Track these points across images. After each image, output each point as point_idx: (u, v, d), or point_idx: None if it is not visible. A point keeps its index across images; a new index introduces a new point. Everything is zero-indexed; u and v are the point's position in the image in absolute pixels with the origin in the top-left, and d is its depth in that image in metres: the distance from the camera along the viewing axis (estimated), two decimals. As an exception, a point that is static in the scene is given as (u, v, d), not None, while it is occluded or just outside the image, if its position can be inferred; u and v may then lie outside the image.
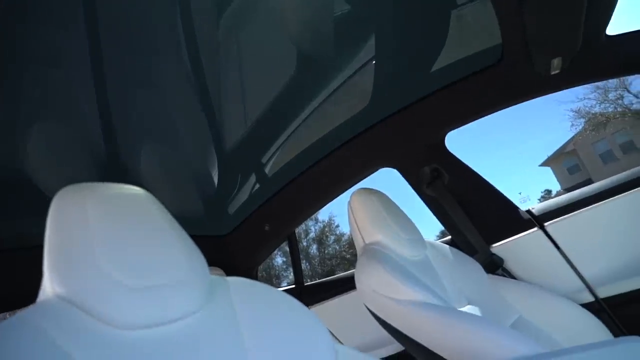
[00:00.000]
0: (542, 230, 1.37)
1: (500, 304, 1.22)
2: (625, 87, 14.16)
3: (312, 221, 14.33)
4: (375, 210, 1.19)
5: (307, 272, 13.61)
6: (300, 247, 12.06)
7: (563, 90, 1.37)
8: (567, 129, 19.29)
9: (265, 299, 0.67)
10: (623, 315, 1.24)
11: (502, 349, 0.87)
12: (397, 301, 0.99)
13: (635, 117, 14.63)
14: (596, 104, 14.80)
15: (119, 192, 0.66)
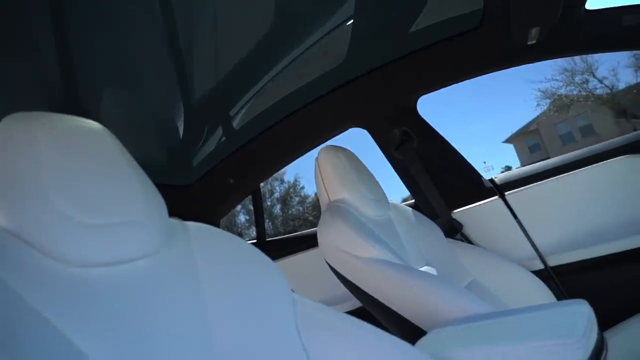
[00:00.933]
0: (502, 199, 1.41)
1: (456, 266, 1.26)
2: (591, 72, 14.54)
3: (277, 181, 14.29)
4: (343, 168, 1.18)
5: (270, 232, 13.72)
6: (264, 206, 12.01)
7: (535, 67, 1.38)
8: (533, 108, 19.80)
9: (225, 245, 0.65)
10: (568, 283, 1.31)
11: (456, 308, 0.89)
12: (357, 258, 1.00)
13: (597, 102, 15.13)
14: (562, 85, 15.17)
15: (74, 124, 0.61)
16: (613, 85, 14.86)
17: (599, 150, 1.36)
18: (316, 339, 0.62)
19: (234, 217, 12.23)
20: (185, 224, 0.67)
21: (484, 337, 0.67)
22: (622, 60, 14.13)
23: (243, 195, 1.77)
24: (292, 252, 1.69)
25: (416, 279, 0.95)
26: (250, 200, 1.81)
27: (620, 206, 1.29)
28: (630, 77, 18.03)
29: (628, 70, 17.65)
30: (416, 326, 0.95)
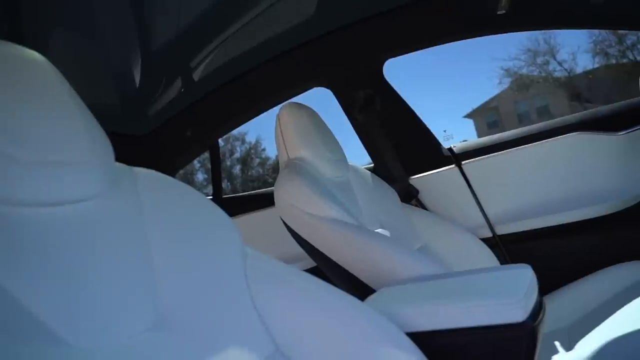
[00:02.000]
0: (458, 168, 1.44)
1: (409, 230, 1.28)
2: (553, 54, 14.93)
3: (238, 141, 14.05)
4: (304, 126, 1.15)
5: (228, 192, 13.51)
6: (223, 165, 11.86)
7: (502, 45, 1.39)
8: (494, 85, 20.25)
9: (174, 193, 0.62)
10: (514, 251, 1.37)
11: (407, 269, 0.91)
12: (313, 216, 0.99)
13: (555, 85, 15.62)
14: (524, 65, 15.52)
15: (13, 51, 0.55)
16: (571, 69, 15.35)
17: (553, 126, 1.40)
18: (266, 293, 0.61)
19: (192, 174, 12.00)
20: (133, 169, 0.63)
21: (430, 296, 0.69)
22: (582, 46, 14.55)
23: (200, 149, 1.72)
24: (248, 210, 1.67)
25: (369, 239, 0.96)
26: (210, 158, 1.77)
27: (567, 180, 1.35)
28: (588, 62, 18.68)
29: (586, 56, 18.26)
30: (367, 285, 0.96)
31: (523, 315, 0.57)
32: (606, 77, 13.86)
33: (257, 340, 0.57)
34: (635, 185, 1.26)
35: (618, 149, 1.29)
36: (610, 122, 1.33)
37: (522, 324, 0.57)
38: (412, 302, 0.67)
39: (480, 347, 0.60)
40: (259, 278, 0.62)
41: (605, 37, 13.80)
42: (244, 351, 0.54)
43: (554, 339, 1.05)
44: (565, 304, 1.16)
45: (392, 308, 0.64)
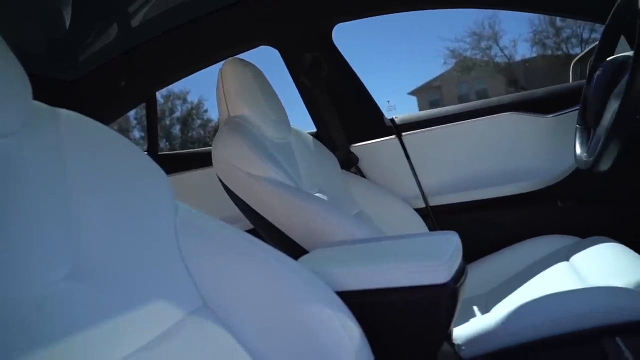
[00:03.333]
0: (398, 139, 1.46)
1: (347, 196, 1.30)
2: (496, 40, 15.47)
3: (179, 100, 13.45)
4: (247, 84, 1.12)
5: (166, 151, 12.96)
6: (162, 124, 11.31)
7: (449, 25, 1.40)
8: (440, 65, 20.73)
9: (100, 137, 0.58)
10: (444, 221, 1.43)
11: (342, 232, 0.93)
12: (251, 176, 0.97)
13: (495, 70, 16.27)
14: (469, 48, 16.00)
15: None
16: (511, 55, 16.02)
17: (489, 104, 1.45)
18: (196, 248, 0.59)
19: (128, 132, 11.40)
20: (54, 110, 0.58)
21: (360, 257, 0.70)
22: (522, 34, 15.19)
23: (136, 102, 1.62)
24: (186, 168, 1.62)
25: (306, 201, 0.96)
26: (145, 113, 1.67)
27: (498, 157, 1.41)
28: (527, 51, 19.57)
29: (526, 44, 19.10)
30: (301, 247, 0.97)
31: (446, 277, 0.60)
32: (541, 66, 14.63)
33: (183, 295, 0.55)
34: (558, 165, 1.35)
35: (546, 131, 1.37)
36: (541, 105, 1.40)
37: (444, 285, 0.60)
38: (343, 262, 0.68)
39: (405, 305, 0.62)
40: (190, 233, 0.60)
41: (544, 29, 14.49)
42: (168, 305, 0.52)
43: (473, 304, 1.13)
44: (486, 272, 1.24)
45: (323, 267, 0.65)
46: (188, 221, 0.61)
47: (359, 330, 0.58)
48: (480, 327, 0.84)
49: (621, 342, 0.69)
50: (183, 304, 0.55)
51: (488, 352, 0.80)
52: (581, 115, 1.10)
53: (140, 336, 0.49)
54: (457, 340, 0.85)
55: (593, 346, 0.71)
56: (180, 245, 0.59)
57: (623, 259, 0.98)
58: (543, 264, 1.12)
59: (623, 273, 0.90)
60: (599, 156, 0.89)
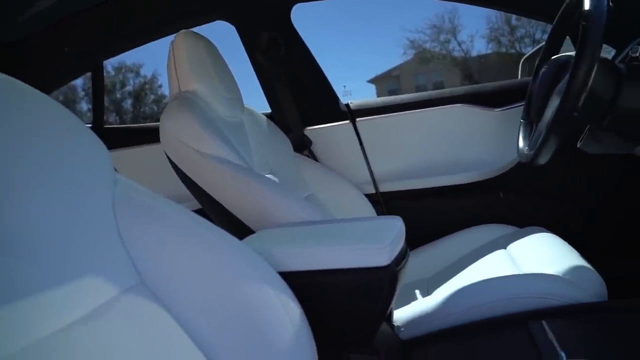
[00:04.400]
0: (352, 125, 1.47)
1: (298, 179, 1.30)
2: (454, 34, 15.83)
3: (131, 73, 12.85)
4: (200, 58, 1.08)
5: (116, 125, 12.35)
6: (112, 97, 10.89)
7: (412, 16, 1.41)
8: (399, 55, 20.99)
9: (31, 101, 0.54)
10: (393, 208, 1.46)
11: (290, 214, 0.93)
12: (199, 153, 0.95)
13: (452, 63, 16.67)
14: (428, 40, 16.29)
15: None
16: (468, 50, 16.47)
17: (442, 95, 1.49)
18: (134, 223, 0.57)
19: (76, 103, 10.82)
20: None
21: (304, 238, 0.71)
22: (480, 30, 15.62)
23: (80, 70, 1.53)
24: (134, 143, 1.56)
25: (256, 182, 0.95)
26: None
27: (448, 147, 1.45)
28: (483, 47, 20.16)
29: (482, 40, 19.67)
30: (248, 228, 0.96)
31: (387, 260, 0.61)
32: (495, 63, 15.12)
33: (118, 271, 0.53)
34: (502, 157, 1.40)
35: (493, 124, 1.42)
36: (490, 99, 1.44)
37: (385, 268, 0.61)
38: (286, 243, 0.68)
39: (346, 287, 0.63)
40: (128, 208, 0.58)
41: (500, 26, 14.96)
42: (101, 281, 0.50)
43: (416, 287, 1.16)
44: (430, 258, 1.28)
45: (267, 247, 0.65)
46: (127, 196, 0.59)
47: (300, 311, 0.59)
48: (420, 310, 0.87)
49: (547, 325, 0.73)
50: (118, 280, 0.53)
51: (425, 333, 0.83)
52: (526, 111, 1.15)
53: (69, 312, 0.47)
54: (397, 322, 0.88)
55: (521, 329, 0.75)
56: (117, 220, 0.56)
57: (555, 249, 1.04)
58: (483, 251, 1.17)
59: (554, 262, 0.95)
60: (538, 150, 0.93)
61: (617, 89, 0.89)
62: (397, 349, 0.80)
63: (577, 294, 0.82)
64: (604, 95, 0.90)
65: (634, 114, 0.89)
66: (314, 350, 0.59)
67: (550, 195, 1.40)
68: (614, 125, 0.93)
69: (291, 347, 0.57)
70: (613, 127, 0.94)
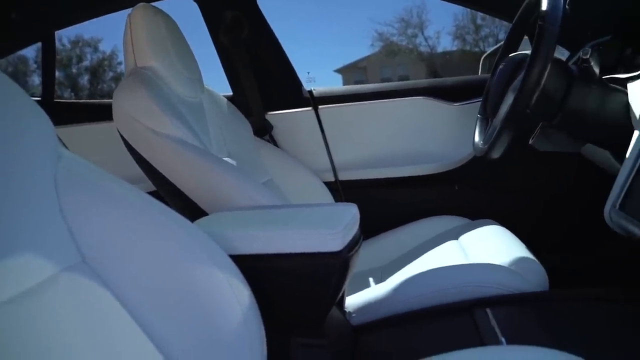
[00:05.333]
0: (315, 112, 1.47)
1: (257, 164, 1.28)
2: (421, 29, 16.04)
3: (89, 48, 12.24)
4: (158, 33, 1.04)
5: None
6: (67, 72, 10.35)
7: (380, 8, 1.40)
8: (367, 46, 21.06)
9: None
10: (351, 196, 1.47)
11: (247, 198, 0.91)
12: (154, 132, 0.92)
13: (418, 58, 16.89)
14: (396, 33, 16.43)
15: None
16: (434, 46, 16.74)
17: (404, 87, 1.50)
18: (78, 200, 0.55)
19: (28, 77, 10.24)
20: None
21: (256, 222, 0.70)
22: (446, 27, 15.89)
23: (30, 40, 1.45)
24: (86, 120, 1.49)
25: (212, 164, 0.93)
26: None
27: (408, 139, 1.48)
28: (448, 44, 20.51)
29: (448, 37, 20.03)
30: (203, 211, 0.94)
31: (339, 245, 0.61)
32: (459, 60, 15.45)
33: (58, 249, 0.51)
34: (459, 151, 1.44)
35: (452, 118, 1.45)
36: (450, 93, 1.47)
37: (337, 253, 0.61)
38: (239, 226, 0.67)
39: (297, 271, 0.63)
40: (72, 184, 0.55)
41: (466, 25, 15.27)
42: (39, 258, 0.48)
43: (369, 276, 1.18)
44: (385, 247, 1.30)
45: (219, 230, 0.64)
46: (71, 171, 0.56)
47: (249, 294, 0.58)
48: (371, 297, 0.89)
49: (490, 312, 0.76)
50: (57, 258, 0.50)
51: (375, 319, 0.84)
52: (482, 106, 1.18)
53: (2, 290, 0.45)
54: (348, 308, 0.89)
55: (466, 316, 0.77)
56: (59, 196, 0.54)
57: (503, 241, 1.08)
58: (435, 242, 1.20)
59: (501, 253, 0.99)
60: (492, 145, 0.95)
61: (568, 89, 0.93)
62: (347, 334, 0.81)
63: (521, 284, 0.86)
64: (556, 95, 0.93)
65: (581, 114, 0.93)
66: (262, 334, 0.58)
67: (503, 190, 1.45)
68: (563, 124, 0.97)
69: (239, 330, 0.57)
70: (562, 126, 0.98)
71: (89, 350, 0.48)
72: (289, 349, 0.66)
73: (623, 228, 0.74)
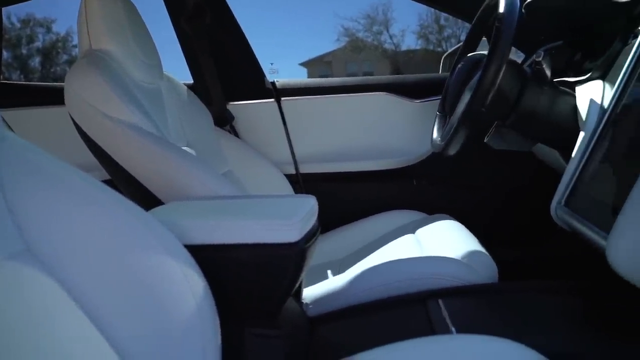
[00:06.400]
0: (277, 103, 1.46)
1: (217, 154, 1.26)
2: (387, 26, 16.22)
3: (41, 28, 11.62)
4: (116, 14, 1.00)
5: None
6: (17, 53, 9.89)
7: (348, 3, 1.41)
8: (333, 41, 21.09)
9: None
10: (312, 190, 1.47)
11: (205, 188, 0.89)
12: (108, 117, 0.88)
13: (383, 54, 17.11)
14: (362, 30, 16.55)
15: None
16: (398, 44, 16.97)
17: (367, 82, 1.52)
18: (21, 185, 0.52)
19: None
20: None
21: (213, 211, 0.69)
22: (411, 26, 16.10)
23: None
24: (36, 103, 1.42)
25: (170, 152, 0.90)
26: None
27: (369, 133, 1.49)
28: (412, 42, 20.83)
29: (413, 36, 20.32)
30: (159, 200, 0.92)
31: (296, 236, 0.61)
32: (423, 59, 15.74)
33: (0, 236, 0.48)
34: (418, 147, 1.47)
35: (412, 114, 1.48)
36: (411, 90, 1.50)
37: (294, 244, 0.61)
38: (195, 215, 0.66)
39: (253, 262, 0.63)
40: (15, 168, 0.52)
41: (430, 24, 15.56)
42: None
43: (328, 268, 1.19)
44: (344, 240, 1.32)
45: (173, 219, 0.62)
46: (16, 155, 0.53)
47: (204, 284, 0.57)
48: (328, 288, 0.90)
49: (442, 303, 0.79)
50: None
51: (332, 311, 0.85)
52: (441, 104, 1.21)
53: None
54: (306, 300, 0.89)
55: (419, 306, 0.79)
56: (2, 180, 0.51)
57: (457, 235, 1.12)
58: (393, 235, 1.22)
59: (455, 246, 1.02)
60: (448, 142, 0.98)
61: (522, 90, 0.97)
62: (303, 326, 0.82)
63: (473, 276, 0.89)
64: (510, 95, 0.97)
65: (533, 115, 0.97)
66: (216, 324, 0.58)
67: (460, 186, 1.49)
68: (517, 124, 1.01)
69: (193, 321, 0.56)
70: (516, 125, 1.02)
71: (33, 340, 0.46)
72: (243, 340, 0.65)
73: (567, 223, 0.78)
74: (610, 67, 0.89)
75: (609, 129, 0.78)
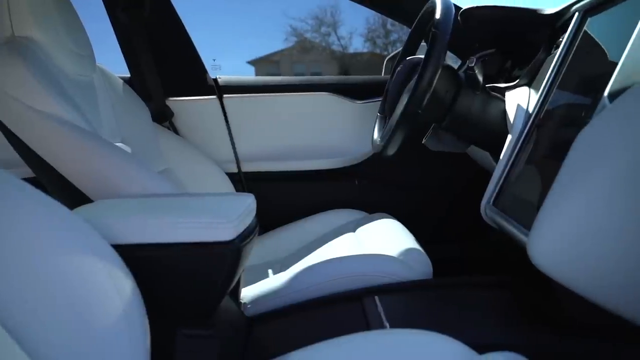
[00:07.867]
0: (219, 100, 1.43)
1: (154, 151, 1.22)
2: (334, 28, 16.36)
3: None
4: (43, 0, 0.94)
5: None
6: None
7: (296, 4, 1.40)
8: (281, 40, 21.02)
9: None
10: (254, 189, 1.45)
11: (140, 187, 0.85)
12: (34, 111, 0.82)
13: (331, 56, 17.21)
14: (310, 30, 16.58)
15: None
16: (346, 46, 17.16)
17: (311, 82, 1.52)
18: None
19: None
20: None
21: (143, 210, 0.66)
22: (359, 29, 16.36)
23: None
24: None
25: (101, 148, 0.86)
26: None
27: (312, 133, 1.50)
28: (360, 45, 21.15)
29: (360, 39, 20.65)
30: (88, 199, 0.87)
31: (232, 235, 0.60)
32: (369, 62, 16.02)
33: None
34: (360, 147, 1.49)
35: (355, 115, 1.50)
36: (354, 91, 1.52)
37: (229, 243, 0.60)
38: (122, 214, 0.63)
39: (186, 261, 0.61)
40: None
41: (377, 28, 15.88)
42: None
43: (268, 268, 1.18)
44: (286, 239, 1.31)
45: (99, 218, 0.59)
46: None
47: (132, 285, 0.55)
48: (266, 288, 0.89)
49: (378, 300, 0.81)
50: None
51: (269, 310, 0.85)
52: (382, 105, 1.23)
53: None
54: (244, 299, 0.88)
55: (356, 303, 0.81)
56: None
57: (395, 233, 1.14)
58: (334, 234, 1.23)
59: (392, 244, 1.05)
60: (387, 142, 1.00)
61: (456, 94, 1.01)
62: (240, 325, 0.81)
63: (408, 273, 0.92)
64: (445, 98, 1.01)
65: (466, 117, 1.01)
66: (145, 326, 0.56)
67: (399, 186, 1.53)
68: (452, 126, 1.05)
69: (119, 323, 0.53)
70: (451, 127, 1.06)
71: None
72: (174, 340, 0.63)
73: (495, 222, 0.83)
74: (535, 75, 0.94)
75: (534, 132, 0.83)
